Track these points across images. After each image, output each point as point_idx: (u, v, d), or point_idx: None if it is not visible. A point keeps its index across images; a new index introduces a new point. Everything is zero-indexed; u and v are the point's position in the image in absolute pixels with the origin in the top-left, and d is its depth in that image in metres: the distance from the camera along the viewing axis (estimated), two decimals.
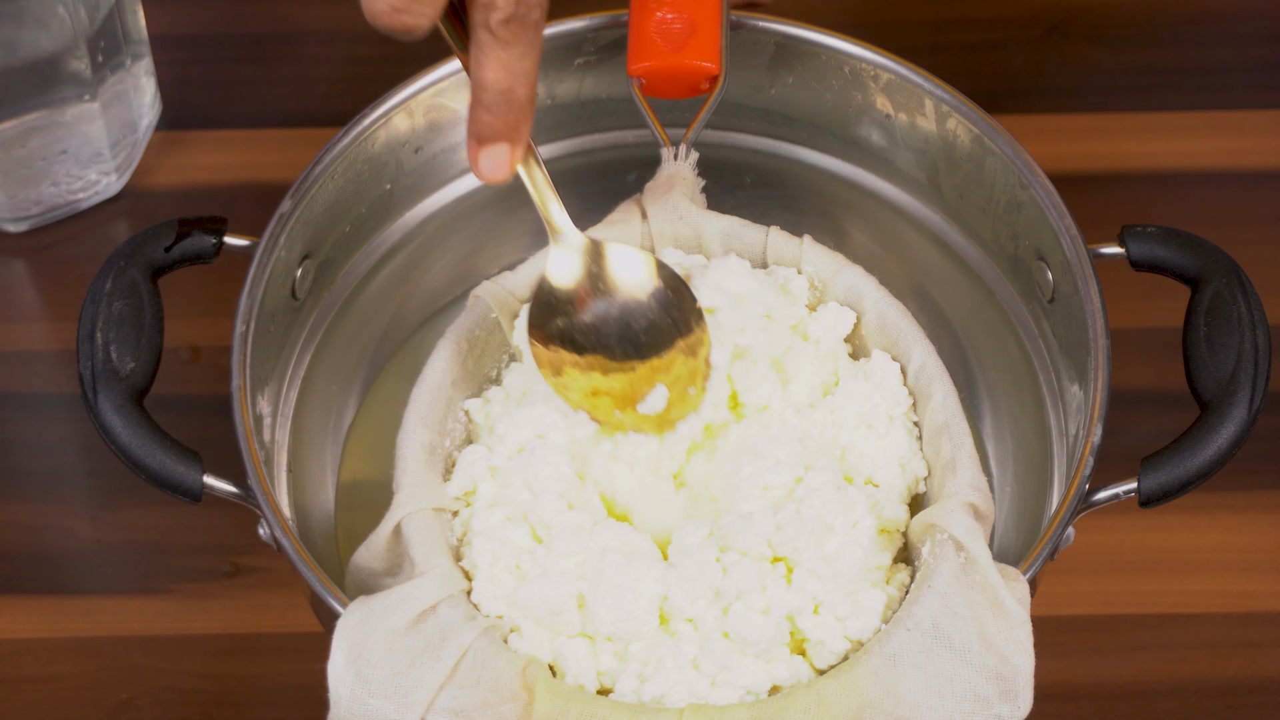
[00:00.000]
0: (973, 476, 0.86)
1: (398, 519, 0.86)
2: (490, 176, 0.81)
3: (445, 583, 0.83)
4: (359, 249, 1.00)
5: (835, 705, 0.80)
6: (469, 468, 0.89)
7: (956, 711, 0.80)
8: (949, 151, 0.98)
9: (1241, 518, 1.02)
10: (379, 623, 0.82)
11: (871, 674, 0.81)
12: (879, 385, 0.90)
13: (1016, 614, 0.82)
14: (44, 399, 1.06)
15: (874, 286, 0.93)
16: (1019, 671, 0.81)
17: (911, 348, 0.91)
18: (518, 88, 0.79)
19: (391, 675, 0.80)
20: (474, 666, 0.81)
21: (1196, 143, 1.16)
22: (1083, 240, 0.91)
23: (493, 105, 0.80)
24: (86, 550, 1.01)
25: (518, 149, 0.81)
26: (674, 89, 0.96)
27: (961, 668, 0.81)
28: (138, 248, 0.91)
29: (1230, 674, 0.98)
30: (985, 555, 0.83)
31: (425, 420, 0.89)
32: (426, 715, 0.80)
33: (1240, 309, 0.89)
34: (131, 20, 1.10)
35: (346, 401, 0.99)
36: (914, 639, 0.81)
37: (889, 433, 0.90)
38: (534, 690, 0.81)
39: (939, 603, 0.82)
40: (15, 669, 0.98)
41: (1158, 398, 1.03)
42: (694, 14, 0.95)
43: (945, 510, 0.85)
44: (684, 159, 0.95)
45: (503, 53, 0.78)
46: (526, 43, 0.79)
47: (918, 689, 0.80)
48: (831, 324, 0.92)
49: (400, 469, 0.88)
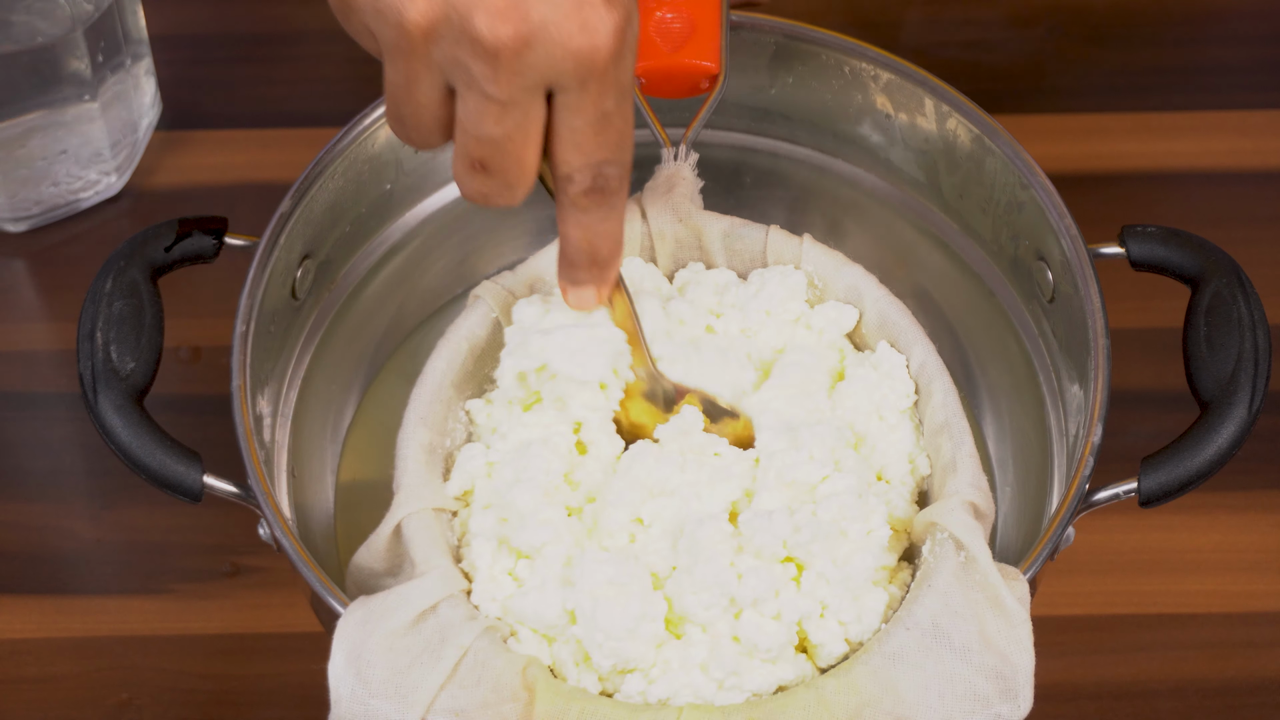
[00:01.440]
0: (973, 475, 0.86)
1: (398, 519, 0.86)
2: (578, 308, 0.87)
3: (445, 583, 0.83)
4: (359, 249, 1.00)
5: (835, 704, 0.80)
6: (467, 464, 0.88)
7: (956, 710, 0.80)
8: (949, 151, 0.98)
9: (1241, 518, 1.02)
10: (379, 623, 0.81)
11: (871, 673, 0.81)
12: (888, 375, 0.90)
13: (1016, 613, 0.82)
14: (44, 399, 1.06)
15: (874, 285, 0.93)
16: (1019, 670, 0.81)
17: (912, 346, 0.91)
18: (600, 248, 0.83)
19: (392, 675, 0.80)
20: (474, 666, 0.81)
21: (1196, 143, 1.16)
22: (1083, 240, 0.91)
23: (575, 259, 0.84)
24: (86, 550, 1.01)
25: (604, 290, 0.86)
26: (674, 88, 0.96)
27: (961, 667, 0.81)
28: (138, 248, 0.91)
29: (1230, 674, 0.98)
30: (985, 554, 0.83)
31: (425, 420, 0.89)
32: (427, 715, 0.80)
33: (1240, 309, 0.89)
34: (131, 20, 1.10)
35: (346, 401, 0.99)
36: (914, 638, 0.81)
37: (899, 425, 0.90)
38: (534, 690, 0.81)
39: (939, 602, 0.82)
40: (15, 669, 0.98)
41: (1158, 398, 1.03)
42: (694, 13, 0.95)
43: (946, 509, 0.85)
44: (684, 159, 0.95)
45: (584, 216, 0.82)
46: (608, 208, 0.82)
47: (918, 688, 0.80)
48: (835, 318, 0.92)
49: (400, 469, 0.88)
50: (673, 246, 0.94)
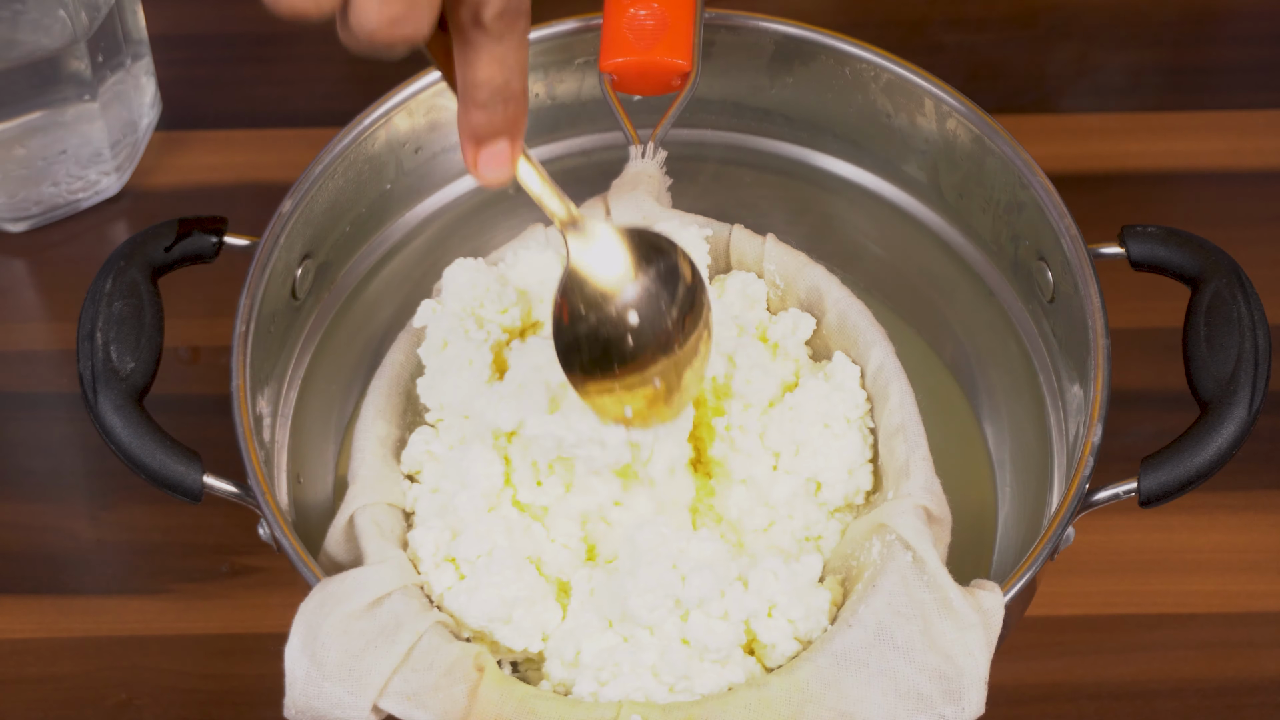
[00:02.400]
0: (926, 479, 0.86)
1: (350, 512, 0.86)
2: (493, 177, 0.78)
3: (400, 572, 0.84)
4: (359, 249, 1.00)
5: (777, 701, 0.80)
6: (416, 449, 0.89)
7: (900, 709, 0.80)
8: (949, 151, 0.98)
9: (1241, 518, 1.02)
10: (335, 605, 0.82)
11: (815, 671, 0.81)
12: (838, 386, 0.90)
13: (966, 615, 0.81)
14: (44, 399, 1.06)
15: (835, 286, 0.93)
16: (964, 673, 0.81)
17: (870, 348, 0.91)
18: (513, 81, 0.76)
19: (346, 658, 0.81)
20: (427, 651, 0.81)
21: (1196, 143, 1.16)
22: (1083, 240, 0.91)
23: (489, 103, 0.77)
24: (86, 550, 1.01)
25: (518, 144, 0.79)
26: (645, 85, 0.95)
27: (904, 665, 0.81)
28: (138, 248, 0.91)
29: (1230, 674, 0.98)
30: (933, 557, 0.83)
31: (383, 412, 0.90)
32: (379, 699, 0.80)
33: (1240, 309, 0.89)
34: (131, 20, 1.10)
35: (346, 401, 0.99)
36: (857, 636, 0.81)
37: (844, 434, 0.89)
38: (484, 670, 0.81)
39: (884, 601, 0.82)
40: (15, 669, 0.98)
41: (1158, 398, 1.03)
42: (666, 11, 0.95)
43: (896, 511, 0.85)
44: (651, 157, 0.95)
45: (496, 47, 0.76)
46: (519, 33, 0.76)
47: (860, 684, 0.80)
48: (792, 328, 0.92)
49: (356, 461, 0.88)
50: None
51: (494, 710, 0.80)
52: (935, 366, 1.00)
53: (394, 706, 0.80)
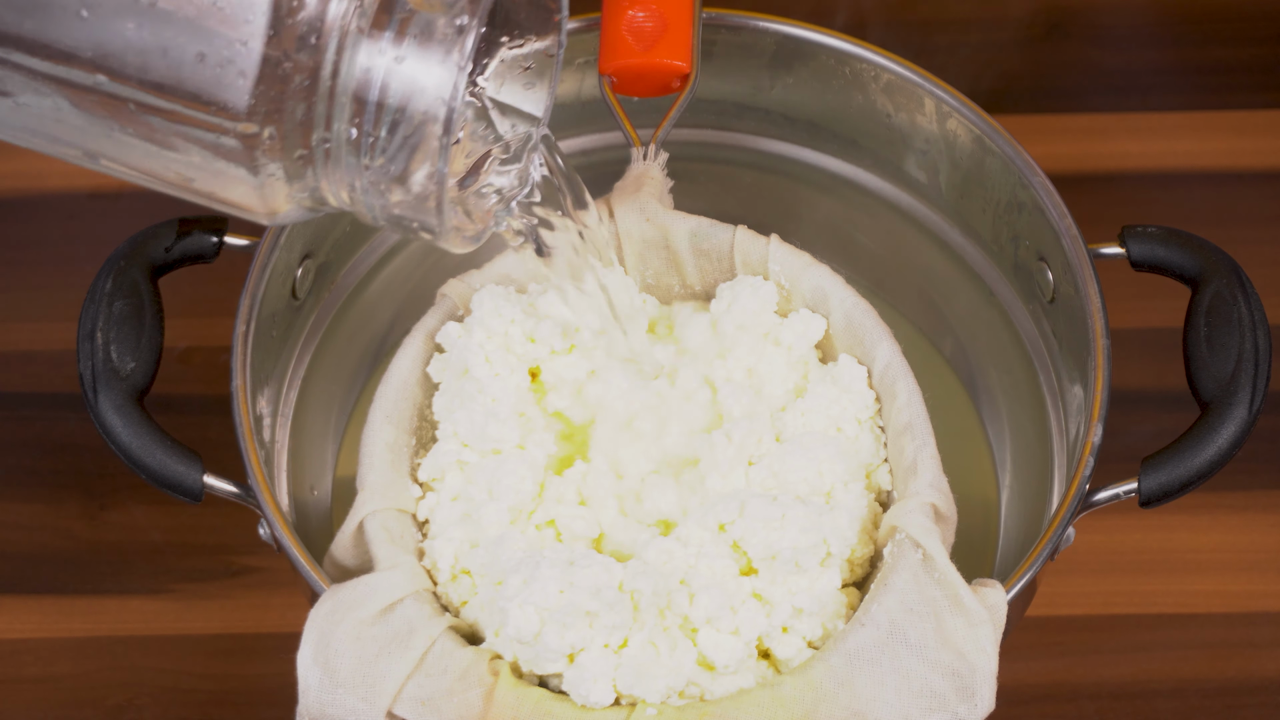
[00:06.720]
0: (934, 477, 0.86)
1: (360, 518, 0.86)
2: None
3: (411, 579, 0.84)
4: (359, 249, 1.00)
5: (790, 700, 0.80)
6: (445, 456, 0.88)
7: (913, 708, 0.80)
8: (949, 151, 0.98)
9: (1241, 518, 1.02)
10: (347, 612, 0.82)
11: (829, 670, 0.81)
12: (846, 389, 0.90)
13: (976, 612, 0.81)
14: (44, 399, 1.06)
15: (840, 286, 0.92)
16: (976, 670, 0.81)
17: (877, 347, 0.90)
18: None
19: (359, 665, 0.81)
20: (441, 655, 0.81)
21: (1196, 143, 1.16)
22: (1083, 240, 0.91)
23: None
24: (86, 550, 1.01)
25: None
26: (645, 88, 0.95)
27: (917, 664, 0.81)
28: (138, 247, 0.91)
29: (1230, 674, 0.98)
30: (942, 554, 0.83)
31: (390, 417, 0.89)
32: (393, 705, 0.80)
33: (1240, 309, 0.89)
34: None
35: (346, 401, 0.99)
36: (871, 636, 0.81)
37: (857, 437, 0.89)
38: (499, 674, 0.81)
39: (896, 600, 0.82)
40: (15, 669, 0.98)
41: (1158, 398, 1.03)
42: (666, 12, 0.94)
43: (904, 510, 0.85)
44: (653, 159, 0.95)
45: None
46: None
47: (874, 684, 0.80)
48: (803, 330, 0.92)
49: (365, 466, 0.88)
50: (640, 246, 0.94)
51: (509, 714, 0.80)
52: (936, 366, 1.00)
53: (408, 713, 0.80)
